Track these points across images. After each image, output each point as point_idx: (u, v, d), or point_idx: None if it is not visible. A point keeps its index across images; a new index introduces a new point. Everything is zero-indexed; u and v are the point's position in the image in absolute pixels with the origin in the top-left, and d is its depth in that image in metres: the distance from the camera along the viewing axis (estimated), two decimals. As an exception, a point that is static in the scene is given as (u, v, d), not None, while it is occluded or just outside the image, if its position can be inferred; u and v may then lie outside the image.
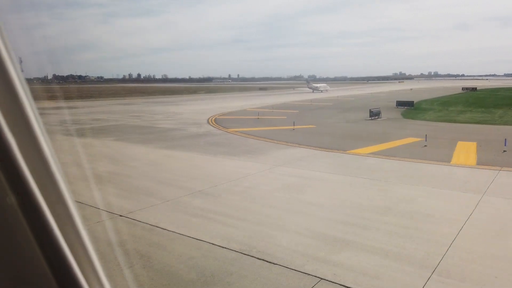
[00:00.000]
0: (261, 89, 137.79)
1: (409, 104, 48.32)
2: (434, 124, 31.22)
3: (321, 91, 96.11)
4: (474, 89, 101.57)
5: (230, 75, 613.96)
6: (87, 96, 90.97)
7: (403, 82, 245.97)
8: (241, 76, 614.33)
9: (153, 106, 57.59)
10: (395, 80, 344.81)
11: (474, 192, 12.15)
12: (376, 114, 35.83)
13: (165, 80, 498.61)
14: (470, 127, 29.73)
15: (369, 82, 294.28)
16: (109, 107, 55.70)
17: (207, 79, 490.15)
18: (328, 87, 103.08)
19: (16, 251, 1.10)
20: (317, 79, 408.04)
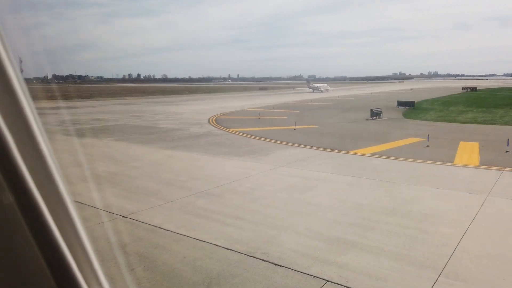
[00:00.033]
0: (261, 89, 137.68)
1: (409, 104, 48.30)
2: (435, 124, 31.17)
3: (321, 91, 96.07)
4: (475, 89, 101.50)
5: (230, 75, 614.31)
6: (87, 96, 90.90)
7: (403, 82, 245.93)
8: (241, 76, 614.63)
9: (153, 106, 57.52)
10: (395, 80, 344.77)
11: (479, 192, 12.08)
12: (377, 114, 35.77)
13: (165, 80, 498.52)
14: (472, 127, 29.67)
15: (369, 82, 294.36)
16: (109, 107, 55.62)
17: (207, 79, 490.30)
18: (328, 87, 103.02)
19: (15, 251, 1.10)
20: (317, 79, 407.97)
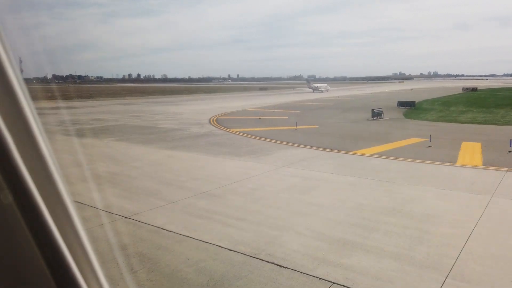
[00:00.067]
0: (261, 89, 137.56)
1: (410, 104, 48.25)
2: (436, 124, 31.11)
3: (321, 91, 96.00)
4: (475, 89, 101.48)
5: (229, 75, 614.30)
6: (86, 96, 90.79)
7: (403, 82, 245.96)
8: (240, 76, 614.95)
9: (153, 106, 57.43)
10: (395, 80, 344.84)
11: (483, 193, 12.00)
12: (378, 114, 35.71)
13: (165, 80, 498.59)
14: (473, 127, 29.60)
15: (369, 82, 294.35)
16: (109, 107, 55.52)
17: (206, 79, 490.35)
18: (329, 87, 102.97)
19: (14, 251, 1.10)
20: (317, 79, 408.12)
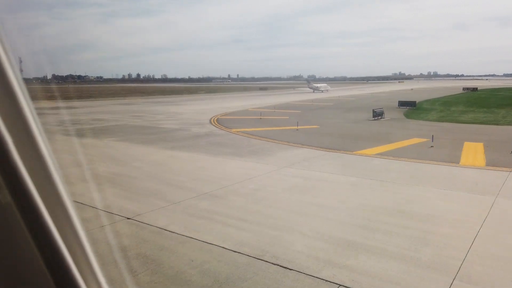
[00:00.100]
0: (261, 89, 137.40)
1: (411, 104, 48.20)
2: (437, 125, 31.02)
3: (321, 91, 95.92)
4: (475, 89, 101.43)
5: (229, 75, 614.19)
6: (86, 96, 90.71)
7: (403, 82, 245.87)
8: (240, 76, 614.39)
9: (154, 106, 57.34)
10: (395, 80, 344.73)
11: (487, 194, 11.93)
12: (379, 114, 35.64)
13: (165, 80, 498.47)
14: (474, 127, 29.53)
15: (369, 82, 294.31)
16: (109, 107, 55.44)
17: (206, 79, 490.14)
18: (329, 87, 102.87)
19: (13, 252, 1.10)
20: (317, 79, 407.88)
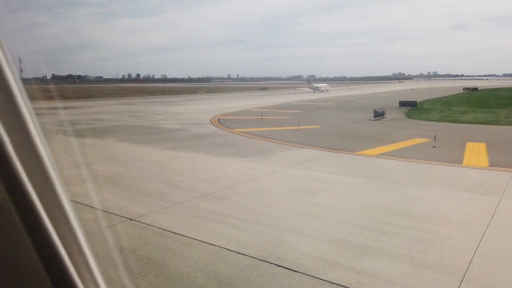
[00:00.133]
0: (261, 89, 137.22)
1: (412, 104, 48.13)
2: (439, 125, 30.95)
3: (321, 91, 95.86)
4: (475, 89, 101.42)
5: (229, 75, 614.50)
6: (86, 96, 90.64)
7: (403, 82, 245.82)
8: (240, 76, 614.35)
9: (154, 106, 57.26)
10: (395, 80, 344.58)
11: (491, 194, 11.86)
12: (380, 114, 35.57)
13: (164, 80, 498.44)
14: (476, 127, 29.47)
15: (369, 82, 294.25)
16: (109, 107, 55.35)
17: (206, 79, 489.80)
18: (329, 87, 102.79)
19: (11, 252, 1.10)
20: (317, 79, 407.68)
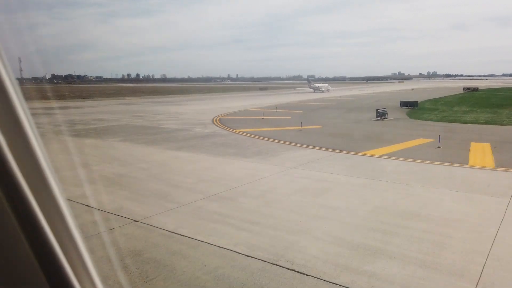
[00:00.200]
0: (261, 89, 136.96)
1: (413, 104, 47.97)
2: (441, 125, 30.80)
3: (322, 91, 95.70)
4: (476, 89, 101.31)
5: (229, 75, 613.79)
6: (86, 96, 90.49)
7: (403, 82, 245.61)
8: (240, 76, 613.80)
9: (154, 106, 57.07)
10: (395, 80, 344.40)
11: (500, 195, 11.73)
12: (382, 114, 35.44)
13: (164, 80, 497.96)
14: (478, 127, 29.34)
15: (369, 82, 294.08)
16: (109, 107, 55.17)
17: (206, 79, 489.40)
18: (330, 87, 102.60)
19: (7, 252, 1.09)
20: (316, 79, 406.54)
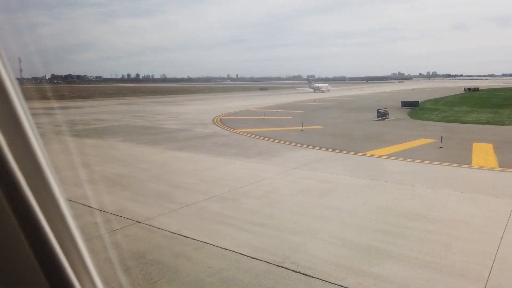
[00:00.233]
0: (261, 89, 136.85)
1: (414, 104, 47.89)
2: (443, 125, 30.72)
3: (322, 91, 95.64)
4: (476, 89, 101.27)
5: (229, 75, 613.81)
6: (86, 96, 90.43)
7: (403, 82, 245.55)
8: (240, 76, 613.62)
9: (154, 106, 56.97)
10: (395, 80, 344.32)
11: (505, 196, 11.64)
12: (383, 114, 35.37)
13: (164, 80, 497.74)
14: (480, 127, 29.26)
15: (369, 82, 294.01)
16: (109, 107, 55.07)
17: (206, 79, 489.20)
18: (330, 87, 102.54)
19: (7, 252, 1.09)
20: (316, 79, 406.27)
